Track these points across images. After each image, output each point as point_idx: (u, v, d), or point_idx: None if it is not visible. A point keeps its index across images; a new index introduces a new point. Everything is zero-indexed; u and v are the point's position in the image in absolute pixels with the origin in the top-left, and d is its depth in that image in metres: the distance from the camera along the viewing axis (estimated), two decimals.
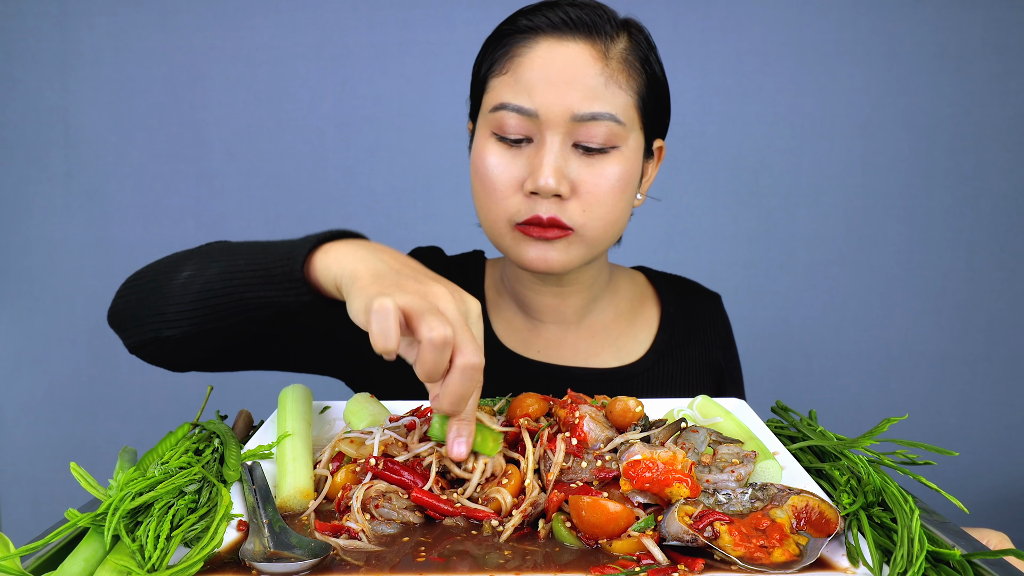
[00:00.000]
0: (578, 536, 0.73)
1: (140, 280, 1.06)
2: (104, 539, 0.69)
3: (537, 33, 1.08)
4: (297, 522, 0.78)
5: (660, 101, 1.17)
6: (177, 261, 1.04)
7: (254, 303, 0.94)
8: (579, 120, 1.06)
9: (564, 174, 1.07)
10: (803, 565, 0.67)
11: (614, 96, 1.07)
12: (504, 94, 1.08)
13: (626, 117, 1.09)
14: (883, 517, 0.75)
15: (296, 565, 0.67)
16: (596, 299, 1.29)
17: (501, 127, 1.08)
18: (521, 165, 1.08)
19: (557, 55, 1.07)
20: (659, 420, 0.88)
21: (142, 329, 1.03)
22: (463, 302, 0.81)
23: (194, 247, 1.07)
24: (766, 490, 0.76)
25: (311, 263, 0.90)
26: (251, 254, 0.96)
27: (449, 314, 0.77)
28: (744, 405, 1.03)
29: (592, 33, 1.08)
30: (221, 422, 0.98)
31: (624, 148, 1.10)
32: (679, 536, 0.69)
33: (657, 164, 1.24)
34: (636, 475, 0.75)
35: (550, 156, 1.06)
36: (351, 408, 0.99)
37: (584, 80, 1.06)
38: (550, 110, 1.05)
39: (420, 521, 0.79)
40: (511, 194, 1.09)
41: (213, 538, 0.69)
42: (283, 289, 0.92)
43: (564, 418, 0.84)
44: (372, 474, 0.82)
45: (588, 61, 1.07)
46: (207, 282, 0.97)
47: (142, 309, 1.03)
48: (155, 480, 0.77)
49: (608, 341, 1.30)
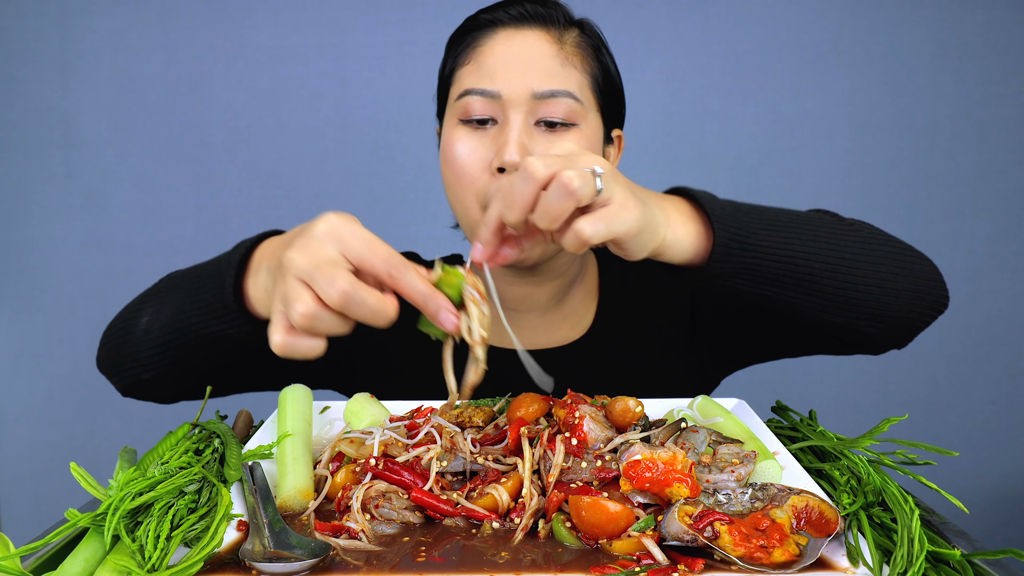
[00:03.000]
0: (578, 536, 0.73)
1: (113, 328, 1.10)
2: (104, 539, 0.69)
3: (496, 25, 1.16)
4: (297, 522, 0.78)
5: (614, 91, 1.22)
6: (137, 306, 1.07)
7: (208, 338, 0.95)
8: (539, 98, 1.11)
9: (528, 149, 1.10)
10: (803, 565, 0.67)
11: (570, 76, 1.14)
12: (468, 81, 1.14)
13: (583, 96, 1.14)
14: (883, 517, 0.75)
15: (296, 565, 0.67)
16: (572, 283, 1.30)
17: (467, 111, 1.13)
18: (487, 146, 1.12)
19: (516, 41, 1.15)
20: (659, 420, 0.88)
21: (124, 374, 1.07)
22: (303, 248, 0.76)
23: (153, 284, 1.10)
24: (766, 490, 0.76)
25: (243, 288, 0.91)
26: (192, 288, 0.97)
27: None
28: (744, 405, 1.03)
29: (547, 22, 1.16)
30: (221, 422, 0.98)
31: (584, 126, 1.14)
32: (679, 536, 0.69)
33: (618, 153, 1.28)
34: (636, 475, 0.75)
35: (514, 132, 1.10)
36: (351, 408, 0.99)
37: (542, 61, 1.13)
38: (512, 90, 1.11)
39: (420, 521, 0.79)
40: (480, 175, 1.12)
41: (213, 538, 0.69)
42: (228, 321, 0.91)
43: (564, 418, 0.84)
44: (372, 474, 0.82)
45: (544, 44, 1.14)
46: (163, 326, 0.99)
47: (119, 356, 1.07)
48: (155, 480, 0.76)
49: (576, 319, 1.30)
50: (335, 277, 0.73)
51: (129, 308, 1.09)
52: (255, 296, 0.89)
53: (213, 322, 0.93)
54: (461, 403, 0.99)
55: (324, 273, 0.73)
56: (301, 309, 0.73)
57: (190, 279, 0.99)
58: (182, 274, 1.04)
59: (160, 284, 1.08)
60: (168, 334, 0.98)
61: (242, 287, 0.90)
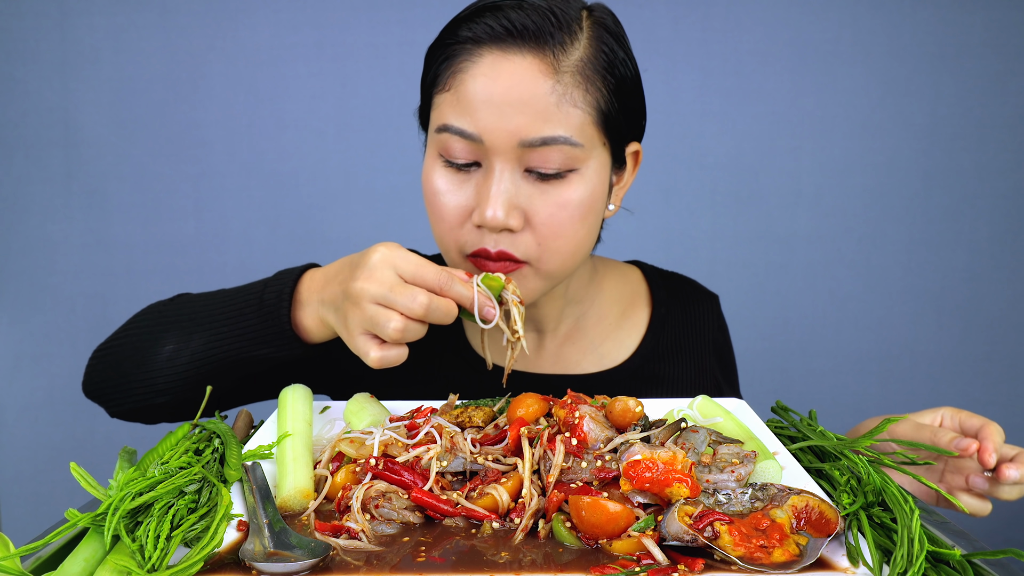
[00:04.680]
0: (578, 536, 0.73)
1: (115, 354, 1.10)
2: (104, 539, 0.69)
3: (480, 45, 0.96)
4: (297, 522, 0.78)
5: (631, 104, 1.04)
6: (152, 331, 1.08)
7: (248, 362, 1.02)
8: (529, 146, 0.95)
9: (515, 204, 0.97)
10: (803, 565, 0.67)
11: (568, 116, 0.95)
12: (447, 114, 0.98)
13: (584, 136, 0.97)
14: (883, 517, 0.74)
15: (296, 565, 0.67)
16: (575, 303, 1.21)
17: (447, 150, 0.99)
18: (469, 192, 0.99)
19: (502, 71, 0.94)
20: (659, 420, 0.88)
21: (130, 399, 1.08)
22: (369, 277, 0.88)
23: (161, 307, 1.12)
24: (766, 490, 0.76)
25: (294, 316, 0.99)
26: (228, 317, 1.02)
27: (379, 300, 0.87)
28: (744, 405, 1.03)
29: (540, 42, 0.95)
30: (222, 422, 0.98)
31: (584, 170, 0.99)
32: (679, 536, 0.69)
33: (634, 171, 1.12)
34: (636, 475, 0.75)
35: (497, 186, 0.96)
36: (351, 408, 0.99)
37: (532, 101, 0.93)
38: (495, 136, 0.94)
39: (420, 521, 0.79)
40: (460, 224, 1.00)
41: (213, 538, 0.69)
42: (277, 346, 0.99)
43: (564, 418, 0.84)
44: (372, 474, 0.82)
45: (536, 77, 0.94)
46: (194, 353, 1.03)
47: (126, 382, 1.07)
48: (155, 480, 0.76)
49: (590, 347, 1.23)
50: (415, 294, 0.86)
51: (133, 335, 1.09)
52: (307, 324, 0.99)
53: (258, 347, 1.00)
54: (461, 403, 0.99)
55: (402, 293, 0.86)
56: (395, 325, 0.86)
57: (221, 307, 1.03)
58: (205, 302, 1.07)
59: (171, 310, 1.09)
60: (201, 361, 1.02)
61: (291, 316, 0.99)
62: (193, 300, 1.09)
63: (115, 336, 1.12)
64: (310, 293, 0.98)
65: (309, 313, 0.98)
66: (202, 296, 1.09)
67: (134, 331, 1.09)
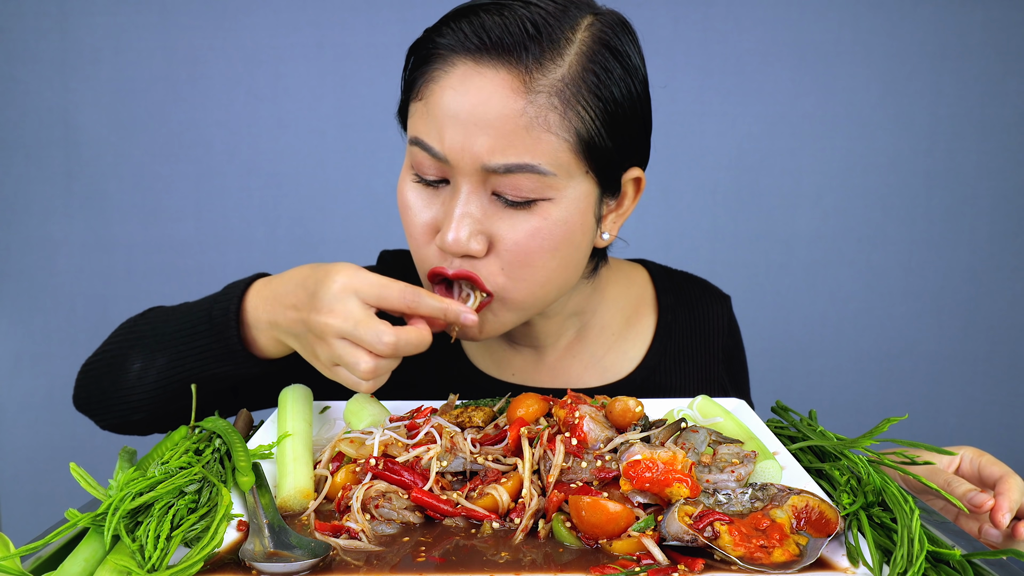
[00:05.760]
0: (578, 536, 0.73)
1: (94, 371, 1.10)
2: (104, 539, 0.69)
3: (454, 53, 0.88)
4: (297, 522, 0.78)
5: (628, 129, 0.94)
6: (122, 348, 1.07)
7: (212, 379, 0.99)
8: (493, 172, 0.87)
9: (479, 229, 0.90)
10: (803, 565, 0.67)
11: (538, 142, 0.86)
12: (418, 125, 0.92)
13: (557, 165, 0.88)
14: (883, 517, 0.74)
15: (296, 565, 0.67)
16: (575, 317, 1.15)
17: (418, 164, 0.93)
18: (437, 210, 0.93)
19: (471, 86, 0.86)
20: (659, 420, 0.88)
21: (110, 415, 1.08)
22: (331, 311, 0.84)
23: (132, 323, 1.11)
24: (766, 490, 0.76)
25: (246, 335, 0.97)
26: (185, 335, 1.00)
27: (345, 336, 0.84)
28: (744, 405, 1.03)
29: (514, 55, 0.85)
30: (224, 420, 0.98)
31: (560, 199, 0.90)
32: (679, 536, 0.69)
33: (635, 198, 1.02)
34: (636, 475, 0.75)
35: (461, 209, 0.89)
36: (351, 408, 0.99)
37: (499, 123, 0.85)
38: (459, 157, 0.87)
39: (420, 521, 0.79)
40: (427, 242, 0.94)
41: (213, 538, 0.69)
42: (235, 364, 0.97)
43: (564, 418, 0.84)
44: (372, 474, 0.82)
45: (507, 96, 0.85)
46: (160, 371, 1.01)
47: (105, 398, 1.07)
48: (155, 480, 0.76)
49: (591, 361, 1.17)
50: (379, 332, 0.82)
51: (109, 352, 1.09)
52: (262, 343, 0.96)
53: (218, 365, 0.98)
54: (461, 403, 0.99)
55: (367, 331, 0.82)
56: (364, 367, 0.84)
57: (178, 325, 1.02)
58: (166, 318, 1.06)
59: (140, 326, 1.08)
60: (167, 379, 1.01)
61: (241, 334, 0.97)
62: (159, 316, 1.07)
63: (96, 353, 1.12)
64: (258, 312, 0.94)
65: (263, 333, 0.94)
66: (167, 312, 1.07)
67: (111, 348, 1.09)
